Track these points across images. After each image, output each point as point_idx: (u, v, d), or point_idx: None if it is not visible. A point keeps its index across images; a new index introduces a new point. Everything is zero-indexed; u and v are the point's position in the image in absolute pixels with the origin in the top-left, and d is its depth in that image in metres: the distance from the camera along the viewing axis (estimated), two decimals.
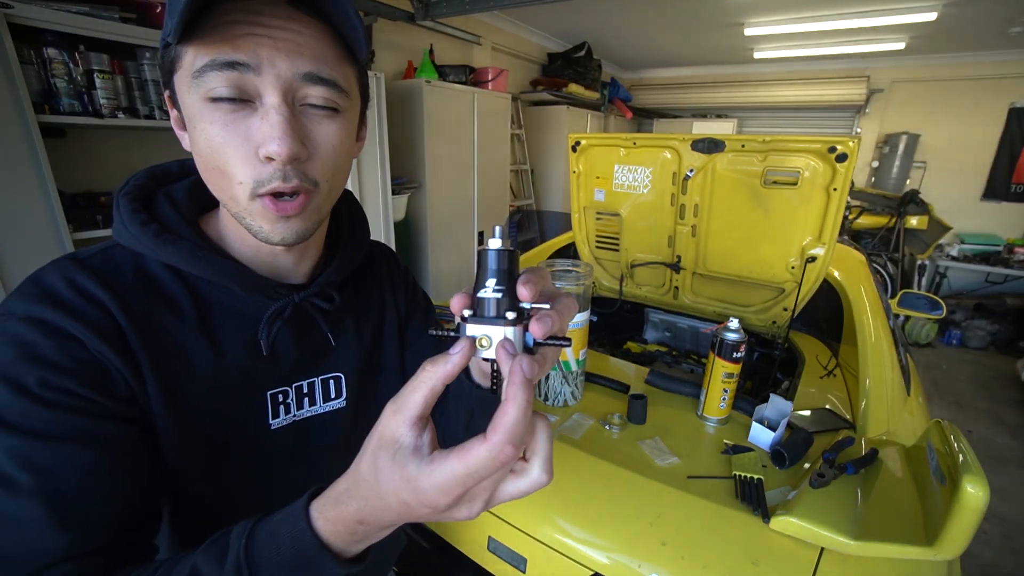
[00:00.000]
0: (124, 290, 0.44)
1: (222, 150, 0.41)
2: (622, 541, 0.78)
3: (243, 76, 0.40)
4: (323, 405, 0.56)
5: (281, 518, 0.35)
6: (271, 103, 0.41)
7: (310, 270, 0.56)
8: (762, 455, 0.94)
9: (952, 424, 0.74)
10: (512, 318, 0.32)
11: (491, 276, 0.33)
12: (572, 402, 1.12)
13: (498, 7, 2.87)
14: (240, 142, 0.41)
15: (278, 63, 0.40)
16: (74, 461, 0.38)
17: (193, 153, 0.44)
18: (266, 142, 0.40)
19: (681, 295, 1.72)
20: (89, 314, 0.42)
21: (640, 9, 3.70)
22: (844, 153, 1.21)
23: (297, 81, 0.41)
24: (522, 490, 0.33)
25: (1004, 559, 1.97)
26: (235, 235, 0.50)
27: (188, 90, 0.41)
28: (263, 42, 0.40)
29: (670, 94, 6.12)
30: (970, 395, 3.33)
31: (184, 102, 0.42)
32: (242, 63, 0.39)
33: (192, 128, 0.42)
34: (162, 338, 0.46)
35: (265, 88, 0.41)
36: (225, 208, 0.47)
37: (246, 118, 0.41)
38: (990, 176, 4.78)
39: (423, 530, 0.99)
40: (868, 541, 0.67)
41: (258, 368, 0.51)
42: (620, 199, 1.66)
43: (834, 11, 3.51)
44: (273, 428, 0.52)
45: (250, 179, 0.42)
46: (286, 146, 0.40)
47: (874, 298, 1.40)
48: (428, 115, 3.10)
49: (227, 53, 0.39)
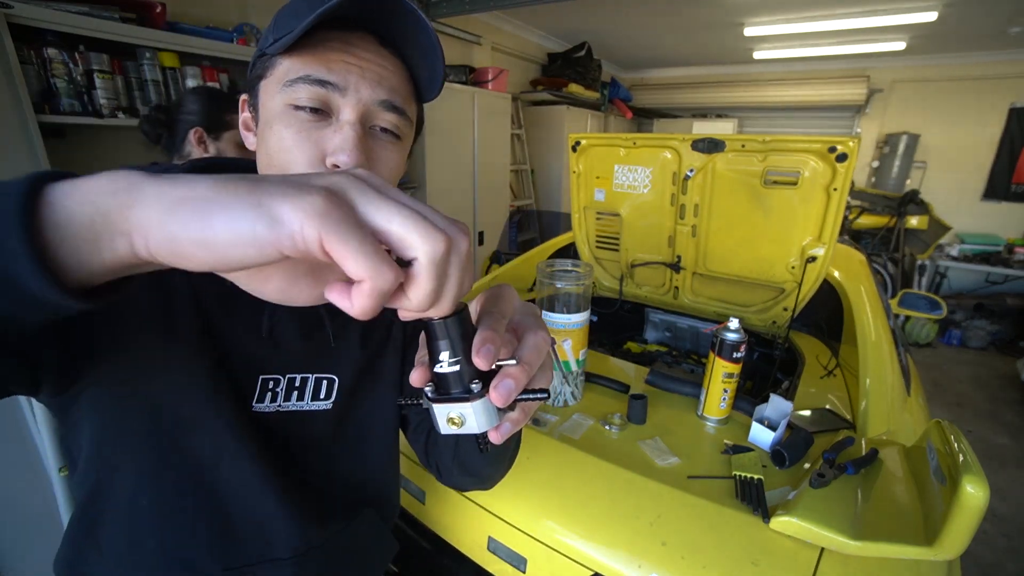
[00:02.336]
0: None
1: (291, 151, 0.45)
2: (622, 541, 0.78)
3: (329, 94, 0.45)
4: (309, 403, 0.56)
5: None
6: (347, 119, 0.46)
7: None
8: (762, 455, 0.94)
9: (952, 424, 0.74)
10: (478, 389, 0.30)
11: (443, 349, 0.30)
12: (572, 402, 1.12)
13: (498, 7, 2.88)
14: (310, 147, 0.45)
15: (362, 89, 0.46)
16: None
17: (259, 151, 0.49)
18: (337, 152, 0.45)
19: (681, 295, 1.72)
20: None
21: (640, 9, 3.71)
22: (844, 153, 1.21)
23: (373, 106, 0.47)
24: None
25: (1004, 559, 1.97)
26: None
27: (274, 95, 0.46)
28: (352, 69, 0.46)
29: (670, 94, 6.12)
30: (970, 395, 3.33)
31: (265, 105, 0.47)
32: (332, 83, 0.45)
33: (267, 128, 0.47)
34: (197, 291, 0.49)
35: (345, 107, 0.46)
36: None
37: (320, 128, 0.46)
38: (990, 176, 4.78)
39: (423, 530, 1.00)
40: (868, 541, 0.67)
41: (255, 348, 0.53)
42: (620, 199, 1.66)
43: (834, 11, 3.51)
44: (254, 412, 0.52)
45: None
46: (356, 157, 0.45)
47: (874, 298, 1.40)
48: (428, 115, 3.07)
49: (322, 72, 0.45)
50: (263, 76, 0.48)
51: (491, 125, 3.70)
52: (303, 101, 0.45)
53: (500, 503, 0.88)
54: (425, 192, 3.27)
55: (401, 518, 1.04)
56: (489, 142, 3.71)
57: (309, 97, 0.45)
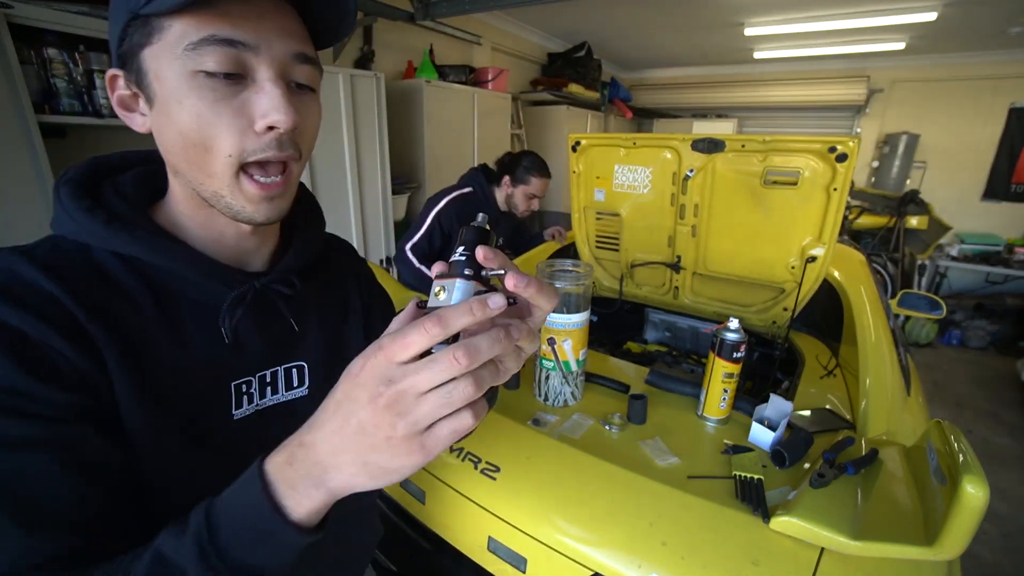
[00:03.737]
0: (75, 279, 0.42)
1: (213, 123, 0.42)
2: (622, 541, 0.77)
3: (240, 54, 0.41)
4: (285, 394, 0.55)
5: (239, 479, 0.36)
6: (267, 78, 0.43)
7: (269, 256, 0.56)
8: (762, 455, 0.94)
9: (952, 424, 0.74)
10: (468, 275, 0.37)
11: (461, 244, 0.40)
12: (572, 402, 1.12)
13: (498, 7, 2.88)
14: (232, 115, 0.42)
15: (275, 43, 0.43)
16: (27, 466, 0.36)
17: (163, 131, 0.44)
18: (269, 113, 0.42)
19: (681, 295, 1.72)
20: (30, 301, 0.39)
21: (640, 9, 3.70)
22: (844, 153, 1.21)
23: (288, 60, 0.44)
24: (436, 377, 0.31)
25: (1004, 559, 1.97)
26: (195, 221, 0.49)
27: (170, 64, 0.41)
28: (262, 23, 0.42)
29: (670, 94, 6.12)
30: (970, 395, 3.33)
31: (161, 77, 0.41)
32: (242, 42, 0.41)
33: (171, 104, 0.42)
34: (123, 329, 0.43)
35: (260, 66, 0.42)
36: (197, 189, 0.46)
37: (238, 93, 0.42)
38: (990, 176, 4.78)
39: (423, 530, 1.00)
40: (868, 541, 0.67)
41: (222, 359, 0.50)
42: (620, 199, 1.66)
43: (834, 11, 3.51)
44: (236, 419, 0.51)
45: (238, 151, 0.43)
46: (291, 115, 0.43)
47: (874, 298, 1.40)
48: (428, 115, 3.10)
49: (228, 31, 0.40)
50: (146, 43, 0.41)
51: (491, 125, 3.69)
52: (214, 66, 0.40)
53: (500, 503, 0.88)
54: (425, 192, 3.27)
55: (401, 518, 1.04)
56: (489, 142, 3.71)
57: (220, 61, 0.40)
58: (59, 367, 0.39)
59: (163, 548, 0.35)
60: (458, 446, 0.98)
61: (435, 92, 3.14)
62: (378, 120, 2.72)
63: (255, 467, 0.35)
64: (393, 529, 1.05)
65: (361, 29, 3.01)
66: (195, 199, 0.48)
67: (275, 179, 0.46)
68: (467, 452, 0.96)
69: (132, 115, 0.46)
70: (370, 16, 2.90)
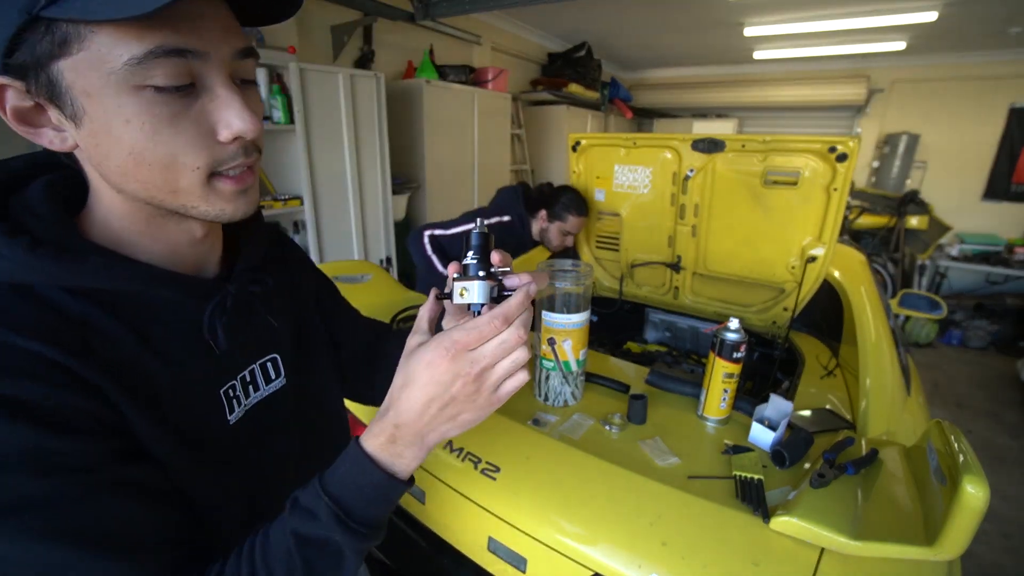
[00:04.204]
0: (42, 329, 0.38)
1: (172, 140, 0.39)
2: (622, 541, 0.77)
3: (190, 63, 0.38)
4: (265, 388, 0.56)
5: (342, 462, 0.45)
6: (220, 84, 0.40)
7: (219, 259, 0.54)
8: (762, 455, 0.94)
9: (952, 424, 0.74)
10: (483, 276, 0.47)
11: (471, 249, 0.49)
12: (572, 402, 1.12)
13: (498, 7, 2.88)
14: (193, 128, 0.39)
15: (221, 46, 0.39)
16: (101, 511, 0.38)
17: (105, 152, 0.39)
18: (232, 123, 0.40)
19: (681, 295, 1.72)
20: (26, 369, 0.36)
21: (640, 9, 3.71)
22: (844, 153, 1.21)
23: (233, 59, 0.41)
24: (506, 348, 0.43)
25: (1004, 559, 1.97)
26: (144, 235, 0.45)
27: (103, 79, 0.35)
28: (204, 25, 0.38)
29: (670, 94, 6.12)
30: (970, 395, 3.33)
31: (92, 93, 0.36)
32: (191, 50, 0.37)
33: (114, 123, 0.37)
34: (114, 367, 0.40)
35: (210, 72, 0.39)
36: (157, 204, 0.42)
37: (191, 104, 0.39)
38: (990, 176, 4.78)
39: (423, 530, 1.00)
40: (868, 541, 0.67)
41: (208, 370, 0.49)
42: (620, 199, 1.66)
43: (834, 11, 3.51)
44: (232, 424, 0.51)
45: (206, 163, 0.41)
46: (255, 123, 0.42)
47: (874, 298, 1.40)
48: (428, 115, 3.11)
49: (174, 39, 0.36)
50: (59, 54, 0.35)
51: (491, 125, 3.70)
52: (164, 80, 0.36)
53: (500, 503, 0.88)
54: (425, 192, 3.27)
55: (401, 518, 1.04)
56: (489, 142, 3.71)
57: (171, 74, 0.36)
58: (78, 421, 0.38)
59: (301, 530, 0.43)
60: (458, 446, 0.98)
61: (435, 92, 3.14)
62: (378, 120, 2.72)
63: (357, 451, 0.44)
64: (393, 529, 1.05)
65: (361, 29, 3.01)
66: (143, 213, 0.44)
67: (243, 170, 0.44)
68: (467, 452, 0.96)
69: (40, 131, 0.39)
70: (370, 16, 2.90)
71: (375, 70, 2.72)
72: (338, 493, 0.43)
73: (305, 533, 0.43)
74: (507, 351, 0.43)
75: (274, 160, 2.45)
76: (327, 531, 0.42)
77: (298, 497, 0.44)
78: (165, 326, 0.46)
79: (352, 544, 0.43)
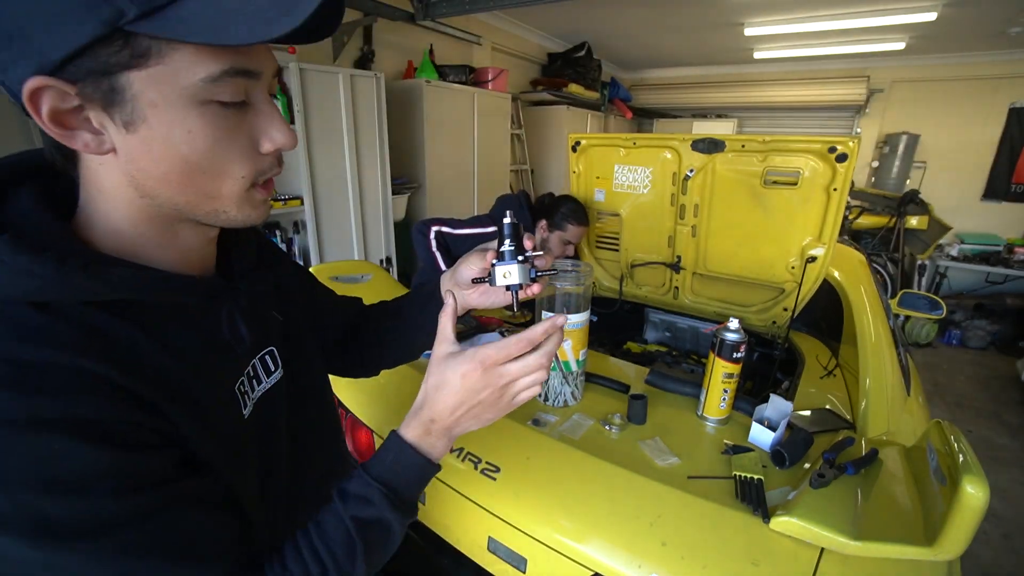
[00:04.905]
0: (83, 346, 0.38)
1: (226, 152, 0.42)
2: (622, 541, 0.78)
3: (247, 82, 0.41)
4: (267, 380, 0.57)
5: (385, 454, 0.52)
6: (264, 100, 0.44)
7: (214, 258, 0.55)
8: (762, 455, 0.94)
9: (952, 424, 0.74)
10: (521, 260, 0.56)
11: (507, 237, 0.56)
12: (572, 402, 1.12)
13: (498, 7, 2.88)
14: (244, 142, 0.43)
15: (270, 64, 0.44)
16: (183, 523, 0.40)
17: (155, 157, 0.39)
18: (275, 137, 0.44)
19: (681, 295, 1.72)
20: (84, 388, 0.36)
21: (640, 9, 3.71)
22: (844, 153, 1.21)
23: (273, 75, 0.45)
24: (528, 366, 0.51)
25: (1004, 559, 1.97)
26: (155, 241, 0.45)
27: (175, 92, 0.37)
28: (258, 47, 0.41)
29: (670, 94, 6.12)
30: (970, 395, 3.33)
31: (160, 104, 0.37)
32: (253, 71, 0.41)
33: (174, 131, 0.38)
34: (153, 379, 0.41)
35: (259, 89, 0.43)
36: (183, 210, 0.43)
37: (244, 118, 0.43)
38: (990, 176, 4.78)
39: (423, 530, 1.00)
40: (868, 541, 0.67)
41: (224, 369, 0.50)
42: (620, 199, 1.66)
43: (834, 11, 3.51)
44: (246, 418, 0.52)
45: (251, 173, 0.44)
46: (294, 136, 0.45)
47: (874, 298, 1.40)
48: (428, 115, 3.11)
49: (243, 62, 0.40)
50: (134, 65, 0.35)
51: (491, 125, 3.70)
52: (229, 97, 0.40)
53: (500, 503, 0.88)
54: (425, 192, 3.28)
55: None
56: (489, 142, 3.71)
57: (235, 92, 0.40)
58: (143, 436, 0.39)
59: (360, 515, 0.49)
60: (458, 446, 0.98)
61: (435, 92, 3.14)
62: (378, 120, 2.72)
63: (400, 442, 0.52)
64: None
65: (361, 29, 3.01)
66: (160, 220, 0.44)
67: (276, 174, 0.49)
68: (467, 452, 0.96)
69: (75, 132, 0.38)
70: (370, 16, 2.90)
71: (375, 70, 2.71)
72: (387, 478, 0.51)
73: (364, 517, 0.49)
74: (530, 371, 0.51)
75: None
76: (380, 512, 0.49)
77: (346, 488, 0.50)
78: (178, 330, 0.46)
79: (400, 519, 0.51)
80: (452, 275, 0.68)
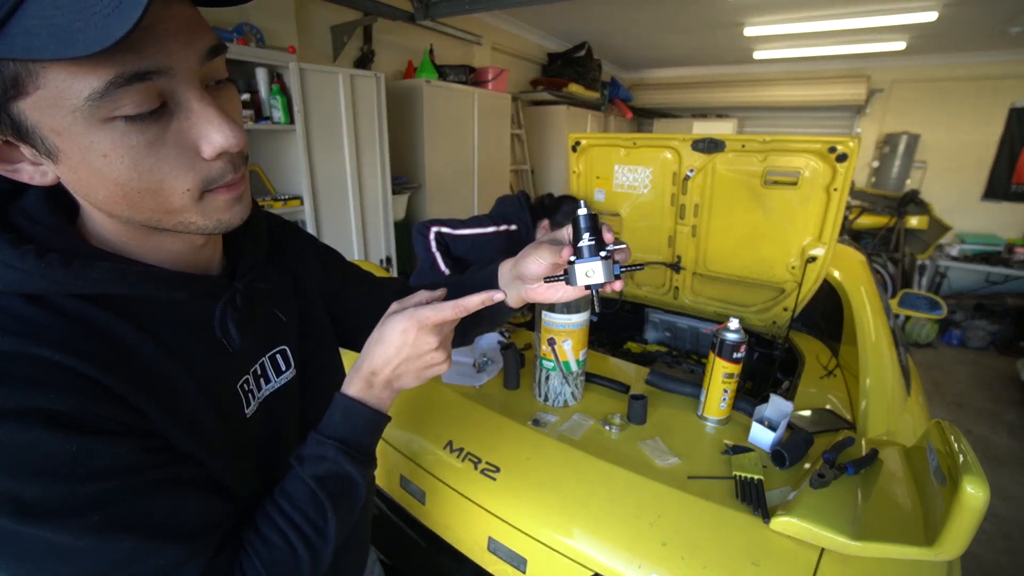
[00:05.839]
0: (64, 340, 0.37)
1: (156, 166, 0.37)
2: (622, 541, 0.78)
3: (155, 84, 0.35)
4: (277, 380, 0.57)
5: (333, 413, 0.53)
6: (192, 97, 0.37)
7: (221, 257, 0.54)
8: (762, 455, 0.94)
9: (952, 424, 0.74)
10: (604, 255, 0.50)
11: (586, 231, 0.50)
12: (572, 402, 1.12)
13: (498, 7, 2.87)
14: (175, 152, 0.37)
15: (185, 54, 0.36)
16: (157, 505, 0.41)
17: (89, 185, 0.37)
18: (213, 139, 0.38)
19: (681, 295, 1.72)
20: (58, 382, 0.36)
21: (640, 9, 3.71)
22: (844, 153, 1.21)
23: (201, 63, 0.37)
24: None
25: (1004, 559, 1.97)
26: (142, 247, 0.44)
27: (69, 117, 0.33)
28: (161, 35, 0.34)
29: (670, 94, 6.12)
30: (970, 395, 3.33)
31: (62, 131, 0.34)
32: (154, 70, 0.34)
33: (91, 158, 0.35)
34: (136, 375, 0.41)
35: (178, 87, 0.36)
36: (154, 225, 0.42)
37: (167, 125, 0.37)
38: (990, 176, 4.78)
39: (423, 530, 1.00)
40: (868, 541, 0.67)
41: (223, 367, 0.50)
42: (620, 199, 1.66)
43: (834, 11, 3.50)
44: (248, 417, 0.52)
45: (197, 184, 0.40)
46: (237, 134, 0.39)
47: (874, 298, 1.40)
48: (428, 115, 3.11)
49: (134, 62, 0.33)
50: (19, 94, 0.32)
51: (491, 125, 3.70)
52: (133, 109, 0.34)
53: (500, 503, 0.88)
54: (425, 192, 3.28)
55: (401, 518, 1.04)
56: (489, 142, 3.71)
57: (139, 101, 0.34)
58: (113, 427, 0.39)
59: (317, 471, 0.50)
60: (458, 446, 0.98)
61: (435, 92, 3.14)
62: (378, 120, 2.72)
63: (344, 399, 0.54)
64: (393, 529, 1.05)
65: (361, 29, 3.01)
66: (139, 231, 0.43)
67: (235, 177, 0.43)
68: (467, 452, 0.96)
69: (17, 167, 0.37)
70: (370, 16, 2.90)
71: (375, 70, 2.72)
72: (339, 434, 0.52)
73: (321, 473, 0.50)
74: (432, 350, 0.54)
75: (274, 160, 2.45)
76: (339, 466, 0.51)
77: (301, 453, 0.52)
78: (175, 327, 0.46)
79: (358, 470, 0.52)
80: (515, 267, 0.64)
